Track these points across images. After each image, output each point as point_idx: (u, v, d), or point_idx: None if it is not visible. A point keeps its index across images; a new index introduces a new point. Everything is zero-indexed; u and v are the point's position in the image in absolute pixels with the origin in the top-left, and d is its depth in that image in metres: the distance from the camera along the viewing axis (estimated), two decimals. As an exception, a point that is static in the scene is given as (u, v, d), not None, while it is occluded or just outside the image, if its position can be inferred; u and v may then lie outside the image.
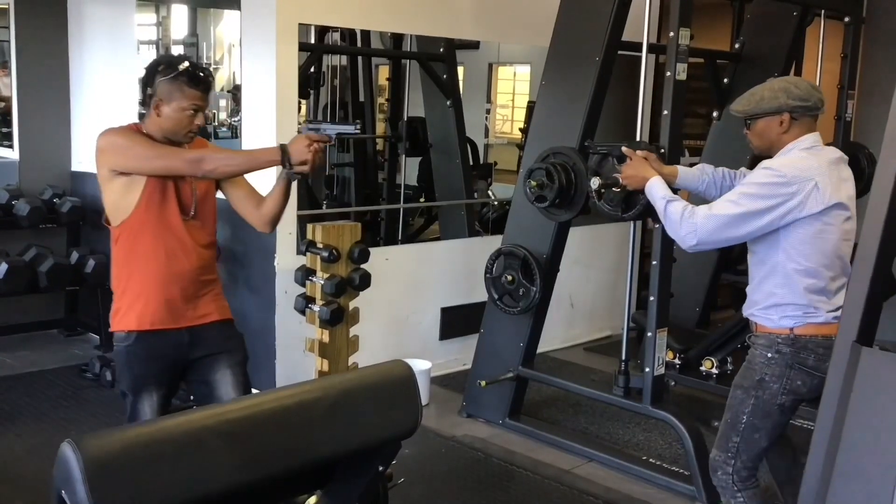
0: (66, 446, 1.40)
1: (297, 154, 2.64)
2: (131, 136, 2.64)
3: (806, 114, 2.83)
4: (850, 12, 4.89)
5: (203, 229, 2.75)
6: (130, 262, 2.68)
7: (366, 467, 1.82)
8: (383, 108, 7.37)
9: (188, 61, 2.65)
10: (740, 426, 2.82)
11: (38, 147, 5.70)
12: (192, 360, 2.76)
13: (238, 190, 2.81)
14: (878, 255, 2.01)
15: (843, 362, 2.01)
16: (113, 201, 2.65)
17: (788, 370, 2.75)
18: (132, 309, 2.68)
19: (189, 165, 2.63)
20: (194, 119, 2.64)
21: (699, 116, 6.67)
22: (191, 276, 2.72)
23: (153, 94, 2.62)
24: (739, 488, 2.86)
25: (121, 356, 2.72)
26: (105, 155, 2.63)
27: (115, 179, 2.62)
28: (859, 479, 1.96)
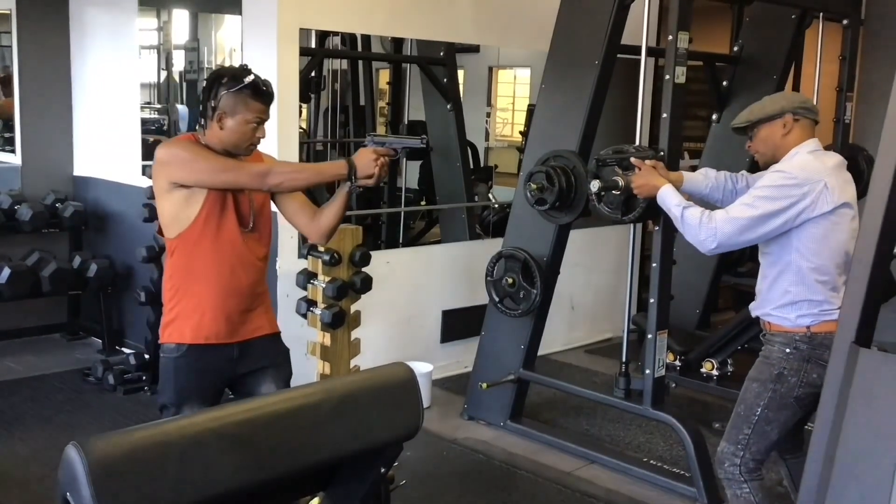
0: (71, 448, 1.42)
1: (364, 168, 2.64)
2: (194, 148, 2.61)
3: (806, 115, 2.93)
4: (849, 15, 4.90)
5: (260, 242, 2.73)
6: (188, 274, 2.65)
7: (368, 469, 1.83)
8: (384, 111, 7.39)
9: (252, 74, 2.62)
10: (753, 418, 2.89)
11: (41, 152, 5.72)
12: (239, 375, 2.73)
13: (293, 202, 2.78)
14: (875, 257, 2.02)
15: (841, 363, 2.02)
16: (171, 213, 2.62)
17: (805, 364, 2.84)
18: (187, 322, 2.64)
19: (255, 179, 2.61)
20: (256, 132, 2.63)
21: (699, 119, 6.68)
22: (248, 290, 2.70)
23: (216, 106, 2.58)
24: (746, 479, 2.91)
25: (168, 368, 2.68)
26: (167, 167, 2.58)
27: (174, 191, 2.59)
28: (858, 479, 1.97)
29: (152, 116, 6.21)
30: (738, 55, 5.48)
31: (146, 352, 4.89)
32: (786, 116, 2.91)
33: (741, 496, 2.92)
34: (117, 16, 5.47)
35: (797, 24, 5.19)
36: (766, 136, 2.95)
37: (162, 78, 6.43)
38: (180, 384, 2.66)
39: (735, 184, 3.19)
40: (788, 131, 2.91)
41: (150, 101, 6.19)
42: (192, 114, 6.22)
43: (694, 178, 3.25)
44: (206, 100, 2.62)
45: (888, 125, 2.03)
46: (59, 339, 5.75)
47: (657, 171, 3.21)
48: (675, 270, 3.96)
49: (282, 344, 2.86)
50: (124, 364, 4.88)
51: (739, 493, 2.92)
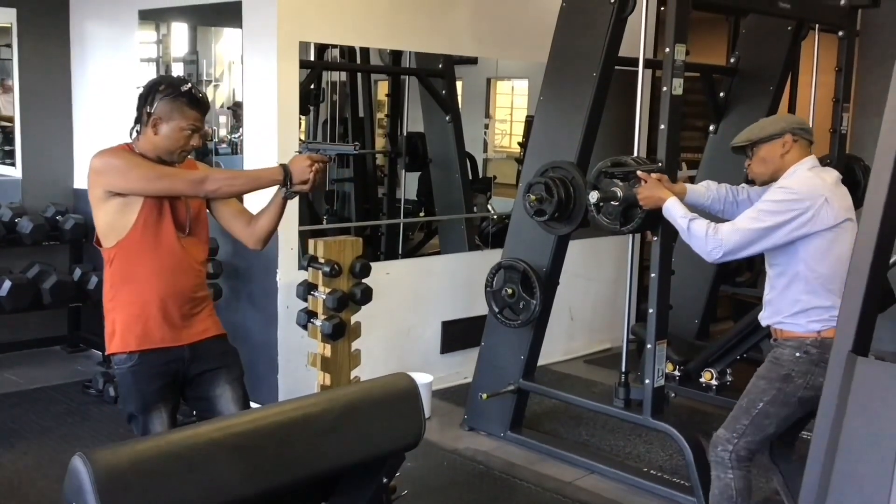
0: (77, 459, 1.43)
1: (299, 174, 2.68)
2: (128, 157, 2.65)
3: (804, 136, 3.08)
4: (845, 27, 4.94)
5: (198, 246, 2.79)
6: (127, 282, 2.68)
7: (370, 479, 1.84)
8: (383, 123, 7.41)
9: (189, 83, 2.70)
10: (754, 411, 3.02)
11: (41, 165, 5.74)
12: (191, 377, 2.78)
13: (228, 208, 2.83)
14: (872, 266, 2.05)
15: (839, 372, 2.04)
16: (107, 222, 2.65)
17: (814, 367, 2.95)
18: (131, 329, 2.68)
19: (192, 186, 2.66)
20: (190, 139, 2.68)
21: (696, 130, 6.71)
22: (189, 293, 2.75)
23: (152, 112, 2.64)
24: (733, 466, 3.04)
25: (126, 378, 2.71)
26: (102, 176, 2.62)
27: (110, 200, 2.62)
28: (856, 487, 1.98)
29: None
30: (734, 67, 5.51)
31: (146, 364, 4.89)
32: (786, 136, 3.05)
33: (723, 479, 3.06)
34: (117, 29, 5.50)
35: (793, 36, 5.21)
36: (765, 156, 3.09)
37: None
38: (142, 390, 2.69)
39: (736, 196, 3.32)
40: (787, 151, 3.05)
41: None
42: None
43: (696, 189, 3.38)
44: (142, 106, 2.67)
45: (883, 136, 2.06)
46: (59, 351, 5.76)
47: (662, 184, 3.32)
48: (673, 280, 3.98)
49: (229, 344, 2.91)
50: (125, 376, 4.87)
51: (723, 476, 3.06)
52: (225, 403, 2.77)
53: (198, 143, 2.71)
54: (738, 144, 3.17)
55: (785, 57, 5.27)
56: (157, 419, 2.70)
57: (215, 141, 6.14)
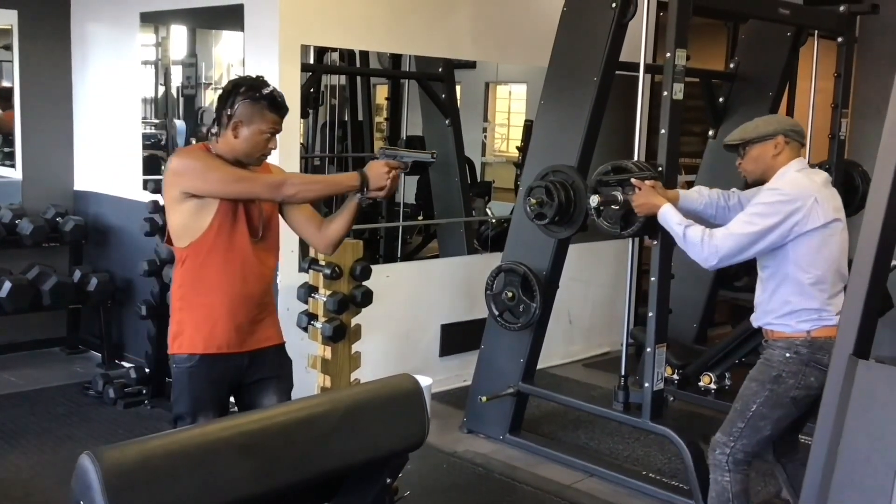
0: (84, 458, 1.44)
1: (376, 180, 2.68)
2: (207, 158, 2.63)
3: (796, 138, 3.10)
4: (844, 33, 4.96)
5: (269, 251, 2.76)
6: (198, 283, 2.66)
7: (374, 479, 1.85)
8: (382, 127, 7.43)
9: (271, 86, 2.66)
10: (748, 413, 3.04)
11: (41, 166, 5.74)
12: (246, 384, 2.76)
13: (301, 213, 2.81)
14: (874, 270, 2.06)
15: (840, 375, 2.05)
16: (182, 223, 2.62)
17: (804, 367, 2.98)
18: (199, 331, 2.65)
19: (270, 190, 2.64)
20: (269, 142, 2.66)
21: (695, 135, 6.73)
22: (258, 299, 2.72)
23: (232, 115, 2.61)
24: (730, 469, 3.06)
25: (182, 378, 2.68)
26: (180, 177, 2.59)
27: (186, 201, 2.59)
28: (857, 489, 2.00)
29: (150, 131, 6.23)
30: (734, 72, 5.53)
31: (146, 366, 4.90)
32: (778, 138, 3.07)
33: (720, 482, 3.09)
34: (119, 31, 5.51)
35: (792, 42, 5.24)
36: (757, 156, 3.11)
37: (160, 93, 6.46)
38: (195, 394, 2.66)
39: (727, 200, 3.35)
40: (779, 152, 3.08)
41: (147, 117, 6.21)
42: (189, 129, 6.25)
43: (689, 195, 3.41)
44: (222, 108, 2.63)
45: (885, 141, 2.07)
46: (59, 352, 5.75)
47: (656, 191, 3.35)
48: (672, 285, 3.99)
49: (287, 355, 2.89)
50: (124, 378, 4.88)
51: (720, 479, 3.09)
52: None
53: (275, 146, 2.70)
54: (732, 143, 3.20)
55: (784, 63, 5.30)
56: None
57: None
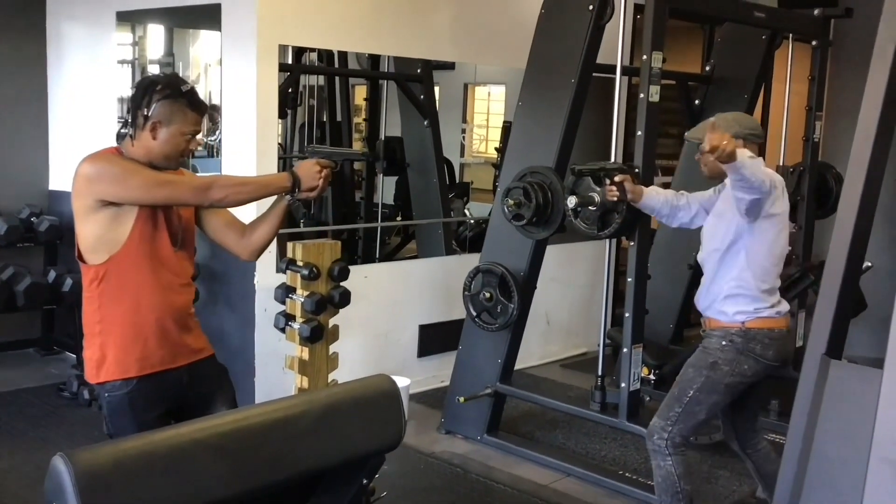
0: (57, 459, 1.42)
1: (308, 180, 2.51)
2: (123, 163, 2.41)
3: (754, 140, 3.20)
4: (818, 36, 5.02)
5: (189, 259, 2.58)
6: (121, 300, 2.43)
7: (351, 480, 1.85)
8: (360, 127, 7.41)
9: (189, 83, 2.47)
10: (685, 399, 3.15)
11: (16, 166, 5.69)
12: (189, 402, 2.55)
13: (219, 218, 2.62)
14: (846, 272, 2.09)
15: (812, 374, 2.08)
16: (97, 235, 2.39)
17: (739, 356, 3.11)
18: (129, 353, 2.43)
19: (196, 194, 2.45)
20: (190, 143, 2.47)
21: (672, 137, 6.78)
22: (184, 310, 2.55)
23: (149, 115, 2.41)
24: (670, 452, 3.16)
25: (122, 406, 2.44)
26: (94, 184, 2.36)
27: (101, 211, 2.37)
28: (829, 488, 2.02)
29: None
30: (710, 75, 5.58)
31: (122, 367, 4.85)
32: (738, 141, 3.08)
33: (664, 467, 3.18)
34: (94, 30, 5.47)
35: (768, 45, 5.29)
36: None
37: (137, 92, 6.42)
38: (139, 419, 2.42)
39: (677, 200, 3.46)
40: None
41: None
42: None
43: (649, 193, 3.54)
44: (138, 107, 2.43)
45: (856, 145, 2.10)
46: (32, 353, 5.70)
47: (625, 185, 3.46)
48: (649, 285, 4.02)
49: (221, 365, 2.71)
50: (99, 379, 4.84)
51: (663, 464, 3.18)
52: None
53: (196, 147, 2.50)
54: (692, 140, 3.28)
55: (759, 65, 5.34)
56: None
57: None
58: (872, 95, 2.12)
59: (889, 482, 1.78)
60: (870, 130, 2.12)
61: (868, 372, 1.93)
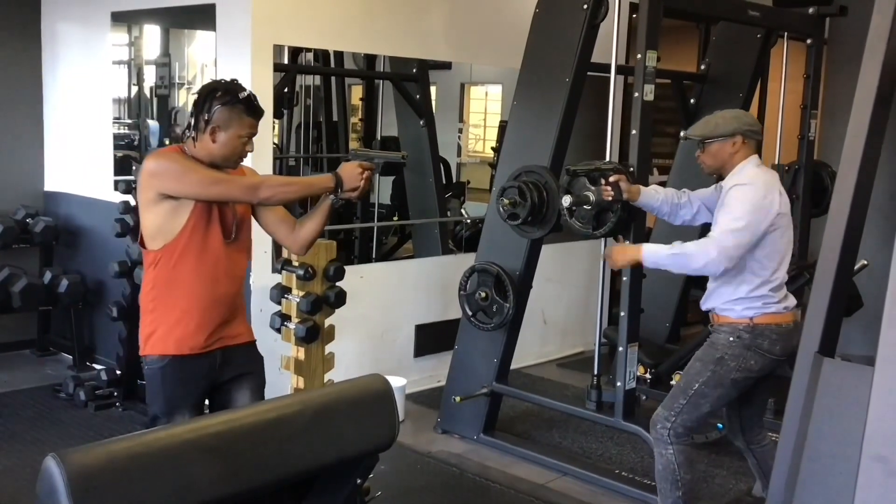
0: (49, 460, 1.42)
1: (350, 181, 2.72)
2: (184, 161, 2.63)
3: (753, 137, 3.21)
4: (813, 34, 5.03)
5: (241, 252, 2.79)
6: (171, 285, 2.66)
7: (344, 480, 1.85)
8: (356, 127, 7.42)
9: (247, 90, 2.68)
10: (690, 391, 3.17)
11: (11, 167, 5.68)
12: (220, 383, 2.78)
13: (274, 214, 2.84)
14: (838, 270, 2.09)
15: (805, 372, 2.08)
16: (156, 224, 2.63)
17: (746, 351, 3.13)
18: (171, 333, 2.67)
19: (246, 192, 2.67)
20: (246, 146, 2.68)
21: (667, 135, 6.79)
22: (230, 301, 2.75)
23: (209, 119, 2.61)
24: (672, 442, 3.19)
25: (155, 378, 2.70)
26: (157, 179, 2.59)
27: (161, 203, 2.60)
28: (822, 485, 2.02)
29: (123, 132, 6.19)
30: (705, 73, 5.58)
31: (117, 368, 4.86)
32: (736, 137, 3.18)
33: (665, 455, 3.21)
34: (90, 30, 5.46)
35: (762, 44, 5.29)
36: (716, 152, 3.22)
37: (133, 93, 6.41)
38: (168, 394, 2.68)
39: (679, 199, 3.46)
40: (736, 150, 3.19)
41: (119, 117, 6.17)
42: (163, 129, 6.21)
43: (648, 192, 3.53)
44: (199, 112, 2.63)
45: (848, 143, 2.11)
46: (29, 354, 5.69)
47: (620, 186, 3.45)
48: (644, 284, 4.02)
49: (258, 352, 2.91)
50: (95, 380, 4.85)
51: (664, 453, 3.21)
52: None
53: (251, 149, 2.73)
54: (692, 137, 3.29)
55: (754, 64, 5.35)
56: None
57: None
58: (864, 93, 2.13)
59: (880, 479, 1.78)
60: (862, 128, 2.13)
61: (860, 369, 1.93)
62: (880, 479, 1.79)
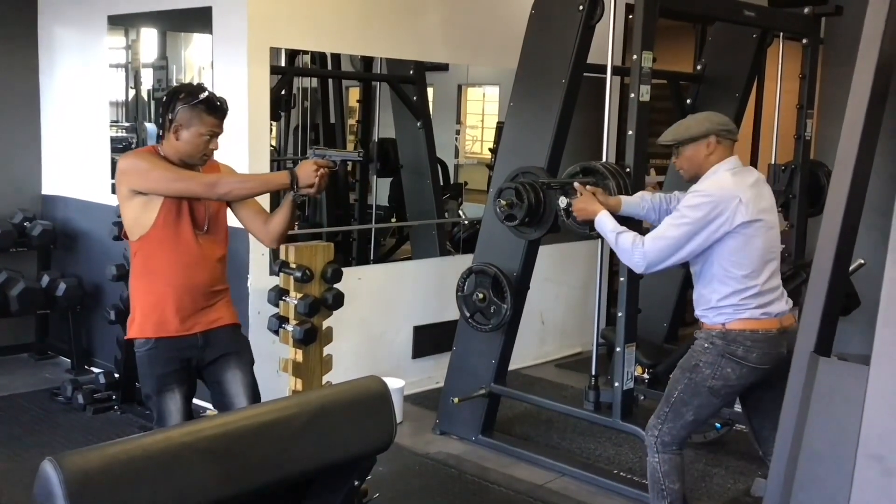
0: (46, 464, 1.42)
1: (305, 178, 2.87)
2: (151, 159, 2.85)
3: (728, 137, 3.15)
4: (809, 34, 5.03)
5: (215, 244, 2.97)
6: (148, 273, 2.90)
7: (342, 482, 1.85)
8: (354, 129, 7.42)
9: (207, 91, 2.86)
10: (672, 399, 3.16)
11: (8, 170, 5.68)
12: (206, 363, 2.99)
13: (247, 209, 3.03)
14: (834, 269, 2.10)
15: (801, 372, 2.08)
16: (132, 218, 2.86)
17: (720, 358, 3.06)
18: (149, 318, 2.90)
19: (206, 188, 2.85)
20: (209, 144, 2.87)
21: (664, 136, 6.77)
22: (205, 288, 2.94)
23: (173, 119, 2.82)
24: (658, 450, 3.17)
25: (143, 360, 2.93)
26: (126, 176, 2.83)
27: (134, 198, 2.83)
28: (818, 484, 2.03)
29: (120, 135, 6.19)
30: (701, 74, 5.59)
31: (116, 371, 4.86)
32: (710, 138, 3.12)
33: (651, 463, 3.21)
34: (87, 34, 5.47)
35: (758, 44, 5.30)
36: (690, 156, 3.17)
37: (130, 96, 6.41)
38: (156, 373, 2.91)
39: (669, 204, 3.42)
40: (711, 152, 3.13)
41: (117, 120, 6.17)
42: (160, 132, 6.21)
43: (631, 201, 3.49)
44: (165, 113, 2.85)
45: (843, 142, 2.11)
46: (27, 358, 5.69)
47: (596, 198, 3.41)
48: (642, 285, 4.02)
49: (241, 333, 3.12)
50: (94, 383, 4.85)
51: (651, 460, 3.21)
52: (234, 387, 3.00)
53: (216, 147, 2.90)
54: (664, 143, 3.25)
55: (750, 64, 5.35)
56: (171, 400, 2.91)
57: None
58: (858, 92, 2.13)
59: (875, 477, 1.79)
60: (856, 127, 2.13)
61: (855, 368, 1.93)
62: (876, 478, 1.79)
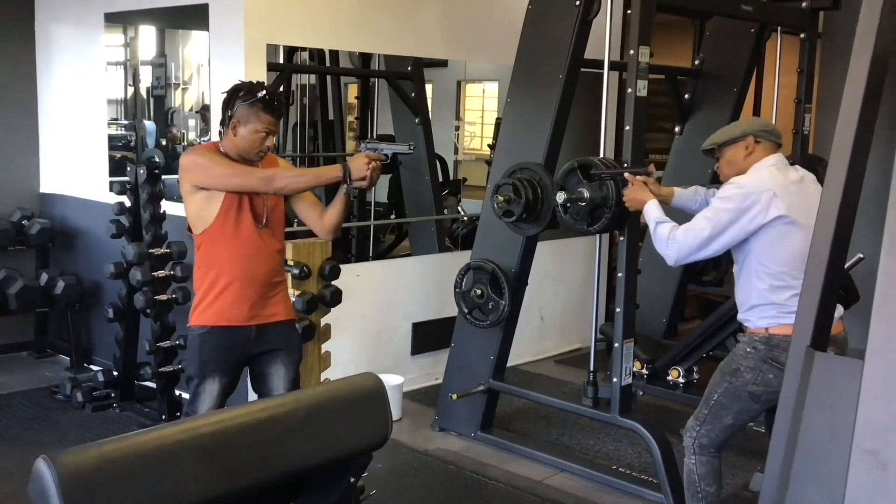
0: (40, 462, 1.42)
1: (357, 171, 2.96)
2: (211, 155, 2.96)
3: (767, 138, 3.12)
4: (806, 29, 5.03)
5: (274, 236, 3.07)
6: (211, 265, 3.00)
7: (338, 479, 1.85)
8: (352, 126, 7.41)
9: (265, 89, 2.94)
10: (711, 402, 3.13)
11: (6, 168, 5.68)
12: (255, 354, 3.07)
13: (303, 201, 3.13)
14: (829, 263, 2.09)
15: (797, 367, 2.08)
16: (195, 212, 2.98)
17: (762, 364, 3.01)
18: (211, 307, 3.00)
19: (262, 183, 2.95)
20: (265, 141, 2.96)
21: (662, 131, 6.78)
22: (264, 279, 3.03)
23: (232, 115, 2.94)
24: (696, 452, 3.15)
25: (193, 344, 3.03)
26: (188, 172, 2.95)
27: (196, 193, 2.95)
28: (815, 482, 2.02)
29: (119, 133, 6.19)
30: (699, 68, 5.58)
31: (114, 369, 4.86)
32: (748, 139, 3.11)
33: (687, 465, 3.19)
34: (84, 32, 5.46)
35: (756, 38, 5.30)
36: (730, 158, 3.16)
37: (129, 94, 6.41)
38: (203, 357, 3.00)
39: (697, 196, 3.41)
40: (750, 152, 3.11)
41: (116, 118, 6.16)
42: (159, 130, 6.20)
43: (684, 194, 3.47)
44: (225, 110, 2.96)
45: (839, 135, 2.11)
46: (26, 357, 5.69)
47: (647, 187, 3.37)
48: (641, 280, 4.02)
49: (295, 330, 3.23)
50: (93, 381, 4.85)
51: (687, 462, 3.18)
52: (276, 381, 3.06)
53: (272, 144, 2.99)
54: (705, 148, 3.25)
55: (748, 58, 5.35)
56: (209, 387, 2.99)
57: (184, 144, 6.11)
58: (853, 86, 2.13)
59: (870, 472, 1.78)
60: (851, 121, 2.13)
61: (850, 363, 1.93)
62: (870, 472, 1.79)
